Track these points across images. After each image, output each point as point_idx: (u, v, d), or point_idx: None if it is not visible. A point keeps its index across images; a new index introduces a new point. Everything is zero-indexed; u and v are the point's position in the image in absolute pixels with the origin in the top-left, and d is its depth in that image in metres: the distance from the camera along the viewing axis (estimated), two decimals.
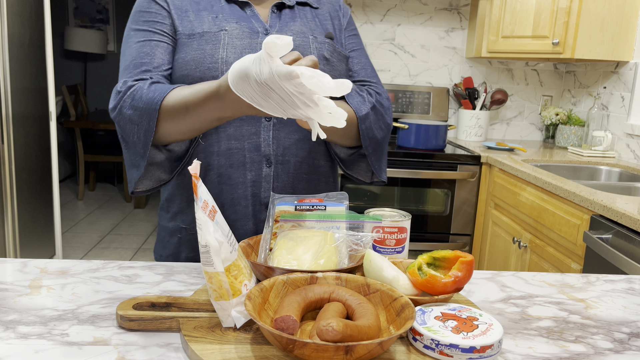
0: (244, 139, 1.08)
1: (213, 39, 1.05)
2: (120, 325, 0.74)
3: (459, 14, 3.21)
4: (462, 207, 2.73)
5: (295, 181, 1.11)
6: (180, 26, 1.07)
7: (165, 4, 1.08)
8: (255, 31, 1.08)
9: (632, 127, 2.63)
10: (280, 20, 1.11)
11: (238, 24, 1.08)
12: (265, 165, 1.09)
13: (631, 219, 1.61)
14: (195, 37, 1.06)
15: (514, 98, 3.32)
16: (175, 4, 1.09)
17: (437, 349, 0.68)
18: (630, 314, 0.88)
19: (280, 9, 1.13)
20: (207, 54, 1.04)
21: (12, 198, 2.87)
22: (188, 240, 1.14)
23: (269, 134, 1.08)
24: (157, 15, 1.08)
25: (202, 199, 0.70)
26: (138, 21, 1.08)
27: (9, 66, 2.78)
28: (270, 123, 1.08)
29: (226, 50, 1.05)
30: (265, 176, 1.09)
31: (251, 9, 1.11)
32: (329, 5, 1.20)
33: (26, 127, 3.01)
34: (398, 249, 0.94)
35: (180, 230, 1.15)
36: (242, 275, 0.74)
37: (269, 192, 1.09)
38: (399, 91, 3.15)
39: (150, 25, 1.07)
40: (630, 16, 2.65)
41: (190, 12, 1.08)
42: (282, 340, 0.63)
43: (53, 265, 0.96)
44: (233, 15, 1.09)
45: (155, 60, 1.05)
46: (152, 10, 1.08)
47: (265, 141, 1.08)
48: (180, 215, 1.15)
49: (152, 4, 1.08)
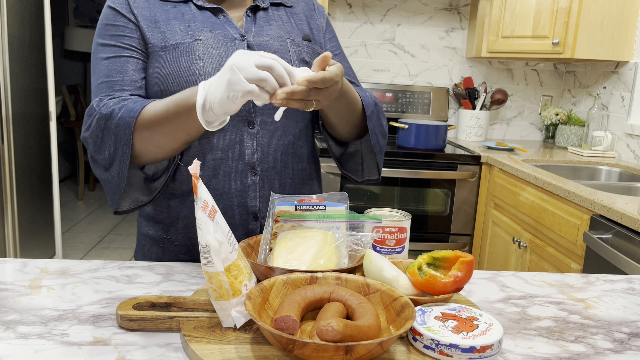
0: (227, 149, 1.04)
1: (188, 50, 1.01)
2: (120, 325, 0.74)
3: (459, 14, 3.21)
4: (462, 207, 2.73)
5: (281, 187, 1.09)
6: (151, 38, 1.02)
7: (132, 16, 1.03)
8: (231, 38, 1.04)
9: (632, 127, 2.63)
10: (256, 25, 1.08)
11: (212, 32, 1.03)
12: (251, 174, 1.06)
13: (631, 219, 1.61)
14: (169, 49, 1.01)
15: (514, 98, 3.32)
16: (144, 14, 1.03)
17: (437, 349, 0.68)
18: (630, 314, 0.88)
19: (254, 12, 1.10)
20: (183, 67, 1.00)
21: (12, 198, 2.87)
22: (171, 251, 1.10)
23: (253, 141, 1.05)
24: (125, 29, 1.03)
25: (202, 199, 0.70)
26: (105, 35, 1.04)
27: (9, 66, 2.78)
28: (254, 130, 1.05)
29: (202, 61, 1.01)
30: (251, 185, 1.06)
31: (224, 14, 1.07)
32: (302, 4, 1.17)
33: (26, 127, 3.01)
34: (398, 249, 0.94)
35: (163, 241, 1.11)
36: (242, 275, 0.74)
37: (256, 201, 1.07)
38: (399, 91, 3.15)
39: (118, 39, 1.03)
40: (630, 16, 2.65)
41: (161, 22, 1.03)
42: (282, 340, 0.63)
43: (53, 265, 0.96)
44: (206, 23, 1.04)
45: (127, 77, 1.01)
46: (119, 23, 1.03)
47: (249, 149, 1.05)
48: (162, 225, 1.11)
49: (119, 16, 1.03)
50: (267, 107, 1.06)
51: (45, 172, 3.28)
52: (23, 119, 2.97)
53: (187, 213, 1.07)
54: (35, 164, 3.15)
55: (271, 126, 1.07)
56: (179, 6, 1.06)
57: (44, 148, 3.25)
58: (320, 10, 1.19)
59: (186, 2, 1.06)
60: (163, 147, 0.95)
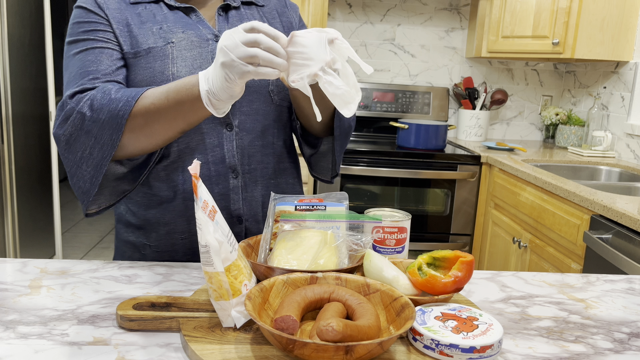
0: (207, 152, 1.02)
1: (161, 54, 0.99)
2: (120, 325, 0.74)
3: (459, 14, 3.21)
4: (462, 207, 2.73)
5: (263, 188, 1.08)
6: (124, 44, 1.00)
7: (103, 14, 1.00)
8: (205, 38, 1.02)
9: (632, 127, 2.63)
10: (229, 24, 1.06)
11: (185, 34, 1.01)
12: (232, 176, 1.04)
13: (631, 219, 1.61)
14: (142, 54, 0.99)
15: (514, 98, 3.32)
16: (115, 17, 1.00)
17: (437, 349, 0.68)
18: (630, 314, 0.88)
19: (226, 11, 1.08)
20: (156, 72, 0.99)
21: (12, 198, 2.87)
22: (152, 258, 1.08)
23: (233, 144, 1.04)
24: (98, 24, 0.99)
25: (202, 199, 0.70)
26: (76, 33, 0.99)
27: (9, 66, 2.78)
28: (233, 133, 1.04)
29: (176, 64, 0.99)
30: (233, 188, 1.05)
31: (196, 14, 1.05)
32: (274, 2, 1.15)
33: (26, 127, 3.01)
34: (398, 249, 0.94)
35: (144, 247, 1.08)
36: (242, 275, 0.74)
37: (240, 204, 1.05)
38: (399, 91, 3.15)
39: (91, 34, 0.99)
40: (630, 16, 2.65)
41: (133, 26, 1.01)
42: (282, 340, 0.63)
43: (53, 265, 0.96)
44: (178, 24, 1.02)
45: (101, 67, 0.97)
46: (91, 20, 1.00)
47: (230, 152, 1.04)
48: (143, 231, 1.08)
49: (90, 14, 1.00)
50: (245, 108, 1.05)
51: (45, 172, 3.28)
52: (23, 119, 2.97)
53: (169, 219, 1.05)
54: (35, 164, 3.15)
55: (250, 127, 1.06)
56: (150, 6, 1.03)
57: (44, 148, 3.25)
58: (292, 6, 1.18)
59: (157, 2, 1.04)
60: (156, 136, 0.92)
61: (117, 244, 1.14)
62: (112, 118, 0.90)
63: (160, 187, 1.05)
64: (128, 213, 1.10)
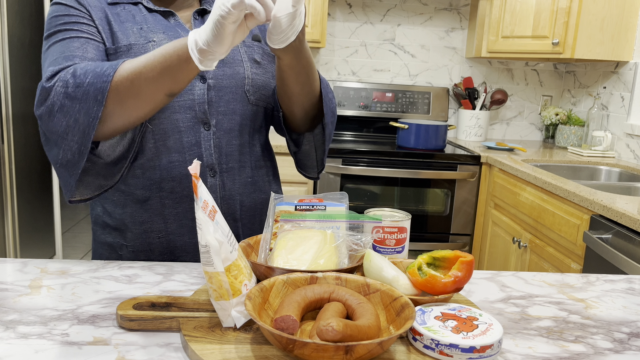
0: (184, 151, 1.03)
1: (142, 51, 0.99)
2: (120, 325, 0.75)
3: (459, 14, 3.21)
4: (462, 207, 2.73)
5: (241, 187, 1.09)
6: (106, 40, 0.99)
7: (84, 9, 0.99)
8: None
9: (631, 127, 2.63)
10: None
11: (165, 34, 1.03)
12: (210, 175, 1.05)
13: (631, 219, 1.61)
14: (122, 50, 0.99)
15: (514, 98, 3.32)
16: (96, 13, 1.00)
17: (437, 349, 0.68)
18: (630, 314, 0.88)
19: (202, 15, 1.10)
20: None
21: (12, 198, 2.87)
22: (129, 258, 1.07)
23: (210, 143, 1.05)
24: (81, 18, 0.98)
25: (202, 199, 0.70)
26: (57, 24, 0.97)
27: (9, 66, 2.78)
28: (210, 132, 1.05)
29: None
30: (211, 186, 1.05)
31: (175, 17, 1.06)
32: None
33: (26, 127, 3.01)
34: (398, 249, 0.94)
35: (121, 247, 1.08)
36: (242, 275, 0.74)
37: (218, 203, 1.06)
38: (399, 91, 3.15)
39: (74, 25, 0.97)
40: (630, 16, 2.65)
41: (113, 23, 1.01)
42: (282, 340, 0.63)
43: (53, 265, 0.96)
44: (158, 25, 1.03)
45: (89, 55, 0.94)
46: (73, 13, 0.98)
47: (207, 151, 1.04)
48: (119, 231, 1.08)
49: (71, 9, 0.98)
50: (222, 108, 1.06)
51: (45, 172, 3.28)
52: (23, 119, 2.97)
53: (146, 218, 1.05)
54: (35, 164, 3.15)
55: (227, 127, 1.07)
56: (129, 7, 1.04)
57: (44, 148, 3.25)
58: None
59: (135, 4, 1.05)
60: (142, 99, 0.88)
61: (94, 246, 1.14)
62: (97, 78, 0.87)
63: (136, 186, 1.05)
64: (105, 214, 1.09)
